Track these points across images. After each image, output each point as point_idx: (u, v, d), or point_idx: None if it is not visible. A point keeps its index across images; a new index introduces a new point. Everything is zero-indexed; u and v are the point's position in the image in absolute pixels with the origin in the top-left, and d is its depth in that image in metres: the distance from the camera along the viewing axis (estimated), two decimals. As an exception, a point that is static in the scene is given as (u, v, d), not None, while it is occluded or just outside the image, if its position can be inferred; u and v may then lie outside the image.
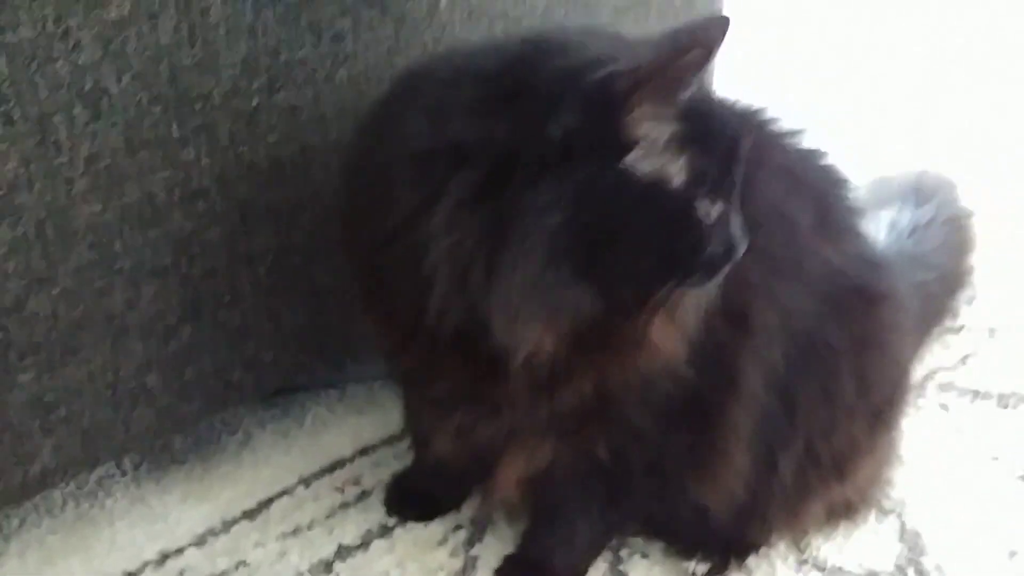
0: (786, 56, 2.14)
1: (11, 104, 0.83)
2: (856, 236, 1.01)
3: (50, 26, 0.82)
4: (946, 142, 1.83)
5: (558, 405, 0.85)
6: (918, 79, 2.06)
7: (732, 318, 0.90)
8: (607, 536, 1.04)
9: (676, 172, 0.77)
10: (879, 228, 1.30)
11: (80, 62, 0.84)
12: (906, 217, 1.33)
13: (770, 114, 0.98)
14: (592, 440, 0.91)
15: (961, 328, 1.38)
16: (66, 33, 0.83)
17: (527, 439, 0.92)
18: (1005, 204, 1.60)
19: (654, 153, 0.75)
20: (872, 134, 1.83)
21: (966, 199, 1.40)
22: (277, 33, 0.94)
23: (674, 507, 0.99)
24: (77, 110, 0.86)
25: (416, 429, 1.08)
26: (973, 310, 1.40)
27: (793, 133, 0.99)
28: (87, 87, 0.86)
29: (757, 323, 0.91)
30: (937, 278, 1.30)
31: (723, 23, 0.81)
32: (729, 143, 0.80)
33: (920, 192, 1.37)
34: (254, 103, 0.96)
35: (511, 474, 0.95)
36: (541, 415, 0.86)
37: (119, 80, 0.87)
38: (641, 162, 0.75)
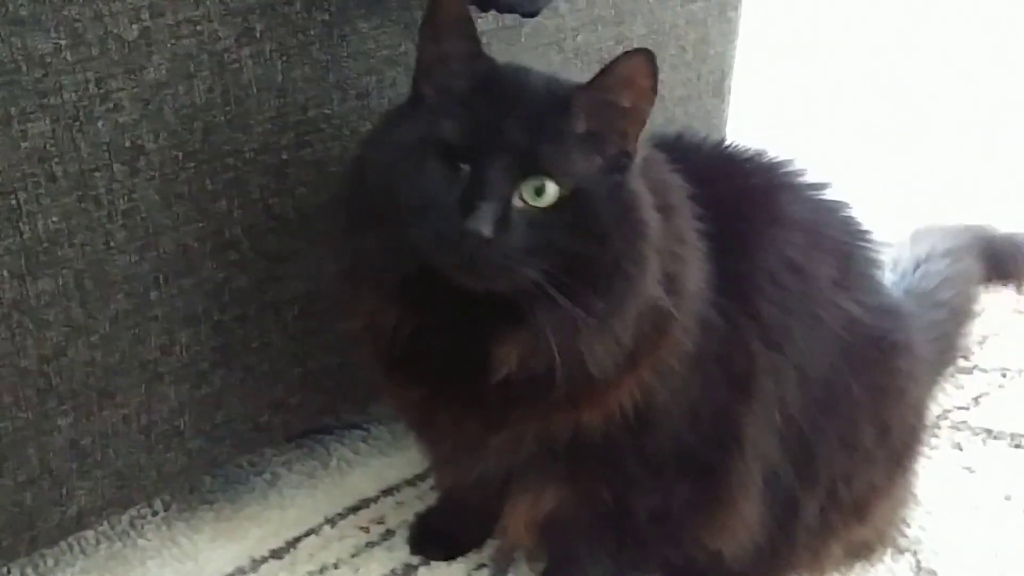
0: (802, 98, 2.17)
1: (54, 162, 0.87)
2: (876, 287, 1.03)
3: (92, 88, 0.87)
4: (956, 183, 1.85)
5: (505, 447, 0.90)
6: (933, 117, 2.08)
7: (733, 384, 0.93)
8: (624, 576, 1.07)
9: (441, 121, 0.82)
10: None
11: (119, 122, 0.89)
12: (905, 254, 1.37)
13: (793, 167, 1.02)
14: (593, 487, 0.94)
15: (974, 368, 1.39)
16: (106, 95, 0.87)
17: (529, 484, 0.95)
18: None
19: (436, 102, 0.84)
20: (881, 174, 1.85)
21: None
22: (305, 91, 0.99)
23: (689, 551, 1.02)
24: (116, 167, 0.90)
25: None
26: (985, 351, 1.42)
27: (816, 186, 1.02)
28: (126, 145, 0.90)
29: (760, 388, 0.94)
30: (948, 315, 1.32)
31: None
32: (509, 132, 0.80)
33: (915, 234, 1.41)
34: (283, 158, 1.00)
35: (519, 517, 0.98)
36: (500, 455, 0.91)
37: (156, 138, 0.91)
38: (427, 108, 0.84)
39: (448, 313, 0.84)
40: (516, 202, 0.80)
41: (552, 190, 0.80)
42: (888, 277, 1.30)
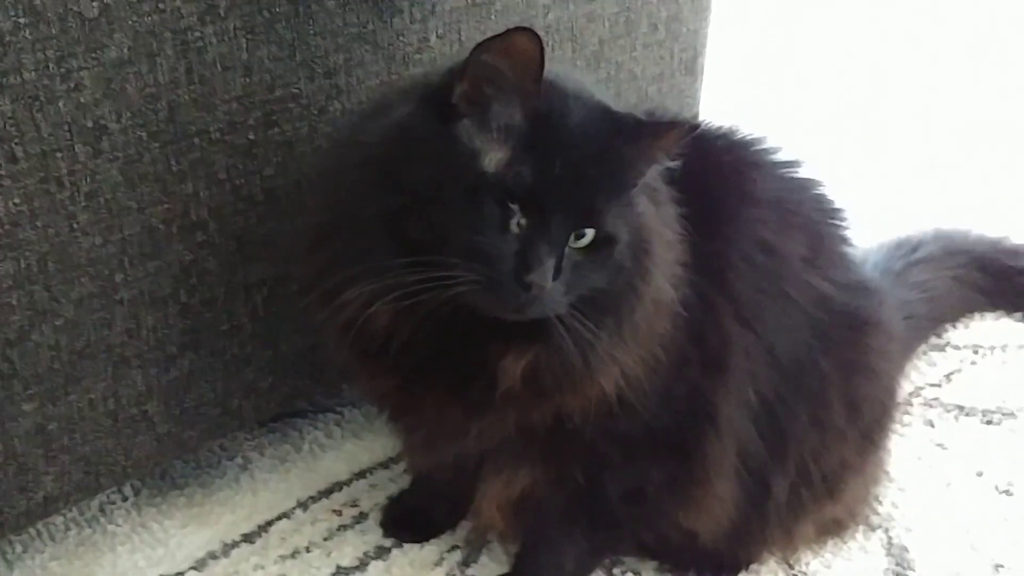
0: (775, 77, 2.17)
1: (14, 142, 0.85)
2: (848, 264, 1.03)
3: (52, 67, 0.85)
4: (935, 159, 1.86)
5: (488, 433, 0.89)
6: (907, 99, 2.09)
7: (707, 362, 0.93)
8: (597, 558, 1.07)
9: (490, 156, 0.79)
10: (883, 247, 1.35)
11: (81, 101, 0.87)
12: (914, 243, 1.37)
13: (765, 144, 1.01)
14: (565, 468, 0.94)
15: (946, 346, 1.40)
16: (67, 74, 0.86)
17: (502, 465, 0.95)
18: (994, 223, 1.62)
19: (478, 130, 0.80)
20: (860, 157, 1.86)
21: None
22: (272, 70, 0.97)
23: (663, 531, 1.02)
24: (78, 147, 0.89)
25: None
26: (958, 328, 1.42)
27: (788, 163, 1.02)
28: (88, 125, 0.88)
29: (734, 366, 0.94)
30: (923, 298, 1.32)
31: (526, 36, 0.78)
32: (572, 187, 0.80)
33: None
34: (250, 138, 0.98)
35: (491, 500, 0.98)
36: (483, 440, 0.90)
37: (119, 118, 0.90)
38: (464, 132, 0.80)
39: (447, 321, 0.82)
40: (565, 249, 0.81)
41: (591, 234, 0.82)
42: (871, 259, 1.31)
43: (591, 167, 0.80)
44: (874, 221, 1.46)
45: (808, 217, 1.01)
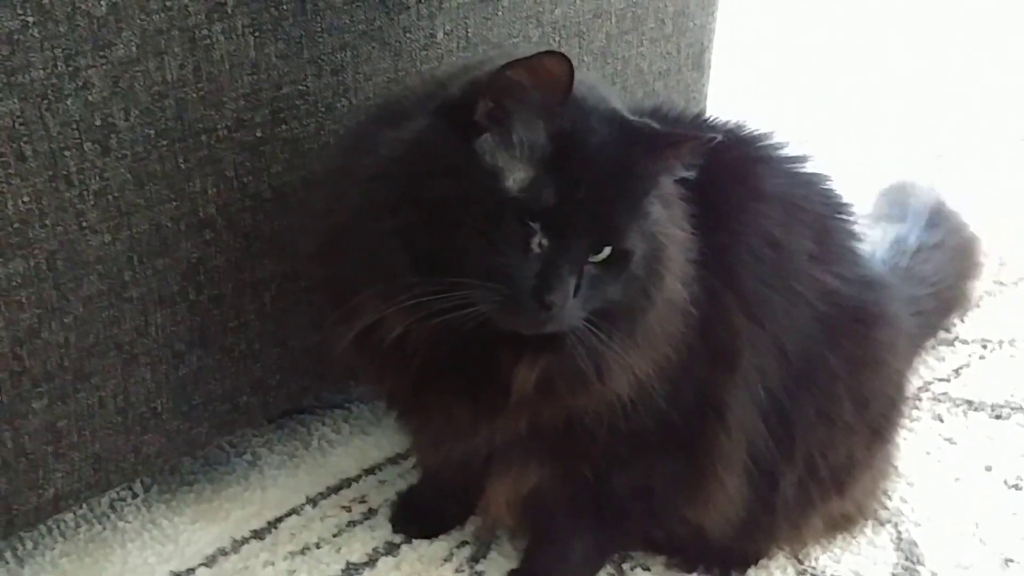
0: (783, 74, 2.16)
1: (23, 141, 0.86)
2: (855, 259, 1.03)
3: (60, 66, 0.85)
4: (939, 153, 1.86)
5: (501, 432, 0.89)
6: (912, 91, 2.08)
7: (716, 358, 0.93)
8: (605, 553, 1.07)
9: (514, 176, 0.79)
10: (884, 241, 1.34)
11: (89, 100, 0.87)
12: (914, 235, 1.35)
13: (772, 140, 1.01)
14: (574, 465, 0.94)
15: (955, 340, 1.40)
16: (76, 72, 0.86)
17: (511, 462, 0.95)
18: (1000, 217, 1.62)
19: (500, 147, 0.79)
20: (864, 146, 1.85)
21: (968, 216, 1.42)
22: (279, 67, 0.97)
23: (671, 527, 1.02)
24: (87, 146, 0.89)
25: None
26: (966, 323, 1.42)
27: (795, 159, 1.01)
28: (96, 123, 0.89)
29: (743, 361, 0.94)
30: (931, 295, 1.32)
31: (556, 60, 0.77)
32: (594, 207, 0.80)
33: (934, 214, 1.39)
34: (258, 135, 0.99)
35: (500, 496, 0.99)
36: (496, 438, 0.90)
37: (127, 116, 0.90)
38: (486, 149, 0.80)
39: (459, 328, 0.81)
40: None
41: (608, 249, 0.82)
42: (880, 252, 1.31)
43: (611, 185, 0.80)
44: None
45: (815, 212, 1.01)
